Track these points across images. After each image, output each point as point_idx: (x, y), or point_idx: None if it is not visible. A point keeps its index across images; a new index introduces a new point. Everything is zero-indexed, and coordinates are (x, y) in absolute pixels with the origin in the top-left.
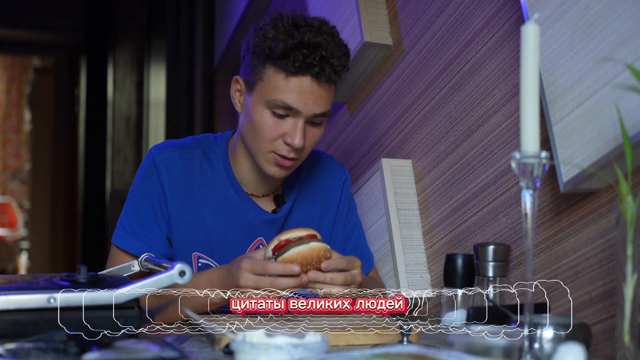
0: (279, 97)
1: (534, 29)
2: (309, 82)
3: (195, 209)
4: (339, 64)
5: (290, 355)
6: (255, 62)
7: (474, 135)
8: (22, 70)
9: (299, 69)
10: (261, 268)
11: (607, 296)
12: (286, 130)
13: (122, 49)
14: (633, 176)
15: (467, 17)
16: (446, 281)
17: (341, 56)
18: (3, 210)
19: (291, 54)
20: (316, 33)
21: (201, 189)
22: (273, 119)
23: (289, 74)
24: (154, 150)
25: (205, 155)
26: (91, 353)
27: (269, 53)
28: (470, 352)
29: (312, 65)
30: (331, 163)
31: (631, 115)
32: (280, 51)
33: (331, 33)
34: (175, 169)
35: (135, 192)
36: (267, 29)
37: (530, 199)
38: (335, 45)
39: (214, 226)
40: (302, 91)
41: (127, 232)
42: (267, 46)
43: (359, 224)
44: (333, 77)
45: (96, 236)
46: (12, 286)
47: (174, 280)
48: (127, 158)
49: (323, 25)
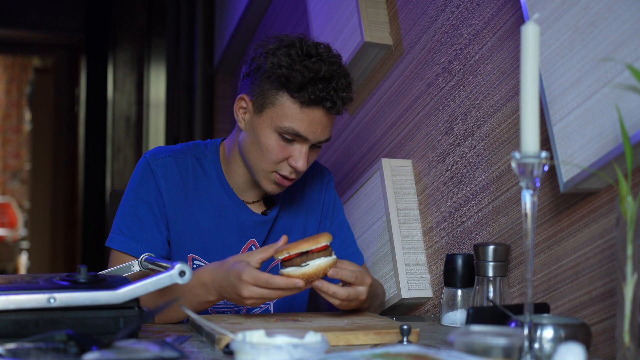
0: (292, 125)
1: (534, 29)
2: (321, 114)
3: (190, 212)
4: (347, 97)
5: (290, 355)
6: (267, 86)
7: (474, 135)
8: (22, 70)
9: (313, 101)
10: (265, 282)
11: (607, 296)
12: (292, 154)
13: (122, 49)
14: (633, 176)
15: (467, 17)
16: (446, 281)
17: (348, 88)
18: (3, 210)
19: (308, 87)
20: (327, 64)
21: (195, 192)
22: (280, 143)
23: (303, 105)
24: (149, 156)
25: (197, 160)
26: (91, 353)
27: (285, 82)
28: (470, 352)
29: (325, 99)
30: (314, 165)
31: (631, 115)
32: (298, 83)
33: (337, 63)
34: (171, 173)
35: (132, 197)
36: (280, 55)
37: (530, 199)
38: (343, 76)
39: (207, 228)
40: (313, 121)
41: (127, 235)
42: (282, 74)
43: (346, 224)
44: (341, 109)
45: (96, 236)
46: (12, 286)
47: (174, 280)
48: (127, 158)
49: (330, 54)
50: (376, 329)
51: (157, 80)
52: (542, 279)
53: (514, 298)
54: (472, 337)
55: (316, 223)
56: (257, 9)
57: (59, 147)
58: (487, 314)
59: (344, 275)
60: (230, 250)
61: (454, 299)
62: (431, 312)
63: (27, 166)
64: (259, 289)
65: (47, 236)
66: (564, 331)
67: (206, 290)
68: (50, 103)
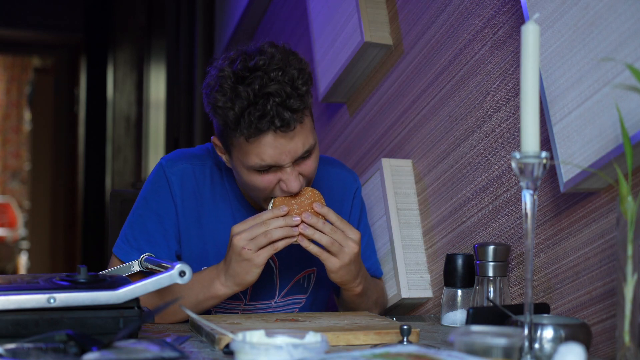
0: (255, 161)
1: (534, 29)
2: (273, 138)
3: (205, 223)
4: (299, 104)
5: (290, 355)
6: (219, 129)
7: (474, 135)
8: (22, 70)
9: (257, 130)
10: (251, 220)
11: (607, 296)
12: (280, 178)
13: (122, 49)
14: (633, 176)
15: (467, 17)
16: (446, 281)
17: (299, 86)
18: (3, 210)
19: (242, 119)
20: (263, 80)
21: (212, 202)
22: (261, 176)
23: (251, 138)
24: (165, 162)
25: (216, 166)
26: (91, 353)
27: (224, 124)
28: (470, 352)
29: (268, 121)
30: (342, 173)
31: (631, 115)
32: (232, 120)
33: (280, 68)
34: (187, 182)
35: (142, 205)
36: (215, 94)
37: (530, 199)
38: (289, 80)
39: (222, 241)
40: (273, 147)
41: (132, 246)
42: (220, 116)
43: (368, 232)
44: (297, 119)
45: (96, 236)
46: (12, 286)
47: (174, 280)
48: (127, 158)
49: (271, 61)
50: (376, 329)
51: (157, 80)
52: (542, 279)
53: (514, 298)
54: (472, 337)
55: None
56: (257, 9)
57: (59, 147)
58: (487, 314)
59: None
60: None
61: (454, 299)
62: (431, 312)
63: (27, 166)
64: (248, 229)
65: (47, 236)
66: (564, 331)
67: (215, 276)
68: (50, 103)
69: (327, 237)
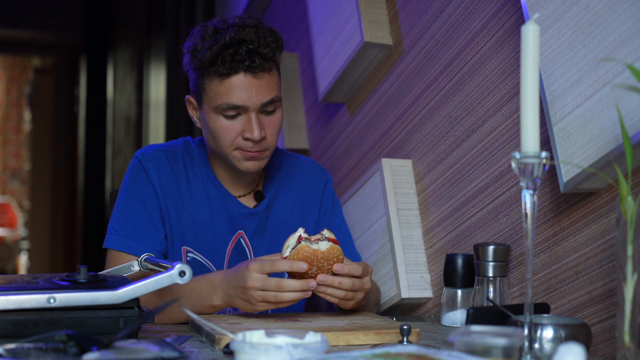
0: (223, 100)
1: (534, 29)
2: (244, 78)
3: (183, 204)
4: (268, 51)
5: (290, 355)
6: (194, 77)
7: (474, 135)
8: (22, 70)
9: (230, 69)
10: (269, 266)
11: (607, 296)
12: (242, 127)
13: (122, 49)
14: (633, 176)
15: (467, 17)
16: (446, 281)
17: (270, 42)
18: (3, 210)
19: (218, 58)
20: (237, 29)
21: (186, 185)
22: (227, 122)
23: (222, 76)
24: (139, 154)
25: (187, 153)
26: (91, 353)
27: (200, 65)
28: (470, 352)
29: (240, 61)
30: (312, 165)
31: (631, 115)
32: (208, 59)
33: (255, 25)
34: (162, 167)
35: (124, 196)
36: (195, 41)
37: (530, 199)
38: (261, 34)
39: (200, 220)
40: (241, 88)
41: (121, 234)
42: (197, 59)
43: (345, 225)
44: (266, 65)
45: (96, 236)
46: (12, 286)
47: (174, 280)
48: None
49: (246, 20)
50: (376, 329)
51: (157, 80)
52: (542, 279)
53: (514, 298)
54: (472, 337)
55: (314, 224)
56: (257, 9)
57: (59, 147)
58: (487, 314)
59: (350, 269)
60: (222, 242)
61: (454, 299)
62: (431, 312)
63: (27, 166)
64: (263, 277)
65: (47, 236)
66: (564, 331)
67: (213, 290)
68: (50, 103)
69: (340, 292)
